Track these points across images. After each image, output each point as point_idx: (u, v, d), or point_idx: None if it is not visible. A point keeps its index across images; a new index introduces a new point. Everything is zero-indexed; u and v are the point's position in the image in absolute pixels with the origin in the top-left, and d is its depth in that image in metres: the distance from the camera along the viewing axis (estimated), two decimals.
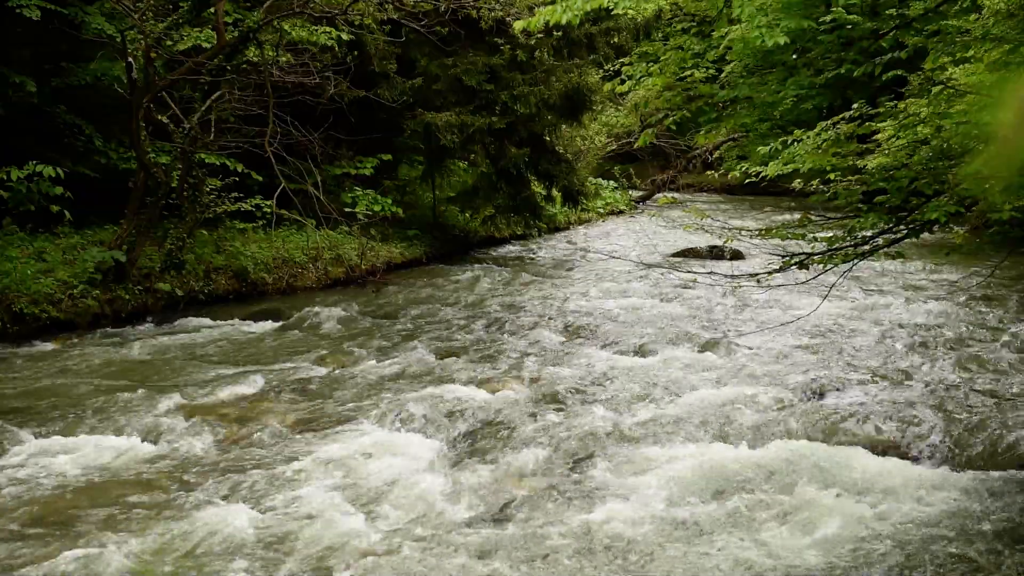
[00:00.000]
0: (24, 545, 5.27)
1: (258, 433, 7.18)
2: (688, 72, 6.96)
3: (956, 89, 5.93)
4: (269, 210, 12.96)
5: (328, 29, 13.26)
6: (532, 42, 16.46)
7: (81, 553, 5.11)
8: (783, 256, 6.80)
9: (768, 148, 6.72)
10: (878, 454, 6.48)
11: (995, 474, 6.11)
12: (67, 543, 5.26)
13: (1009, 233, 6.84)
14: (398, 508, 5.74)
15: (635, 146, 27.01)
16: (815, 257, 6.67)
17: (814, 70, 6.87)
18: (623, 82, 7.34)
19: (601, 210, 24.46)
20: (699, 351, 9.43)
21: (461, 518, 5.65)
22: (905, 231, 6.49)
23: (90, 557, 5.06)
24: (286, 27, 12.68)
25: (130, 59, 11.30)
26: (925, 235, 6.80)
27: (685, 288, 12.56)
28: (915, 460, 6.45)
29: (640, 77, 7.16)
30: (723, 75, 7.25)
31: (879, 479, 6.00)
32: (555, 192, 19.52)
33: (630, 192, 28.44)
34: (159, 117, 11.90)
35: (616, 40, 18.54)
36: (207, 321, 11.33)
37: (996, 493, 5.82)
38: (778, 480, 6.04)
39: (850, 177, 6.49)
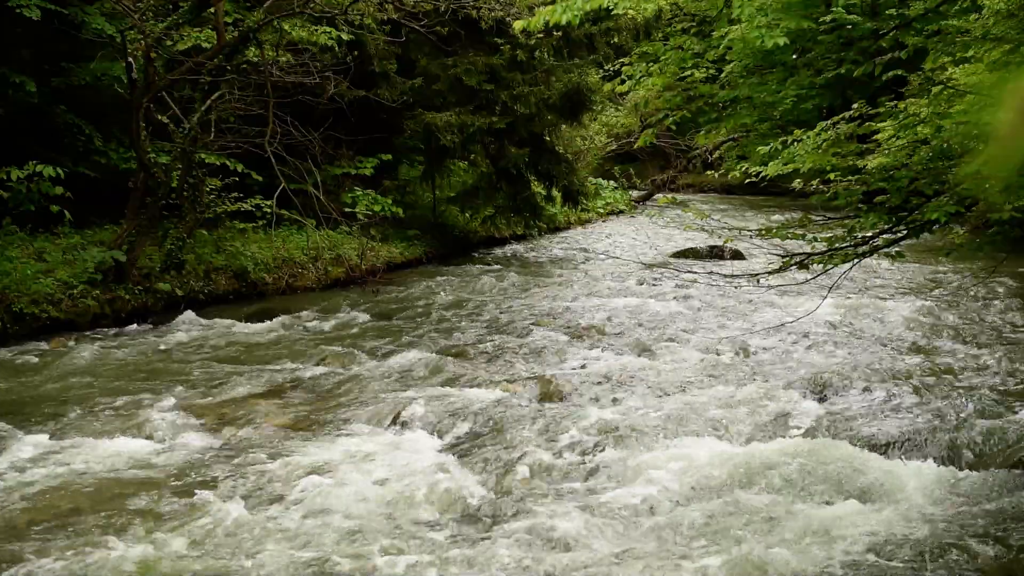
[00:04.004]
0: (24, 545, 5.26)
1: (258, 433, 7.18)
2: (688, 72, 6.96)
3: (956, 89, 5.93)
4: (269, 210, 12.96)
5: (328, 29, 13.26)
6: (532, 42, 16.46)
7: (81, 553, 5.11)
8: (783, 256, 6.80)
9: (768, 148, 6.73)
10: (878, 453, 6.48)
11: (995, 473, 6.10)
12: (67, 543, 5.26)
13: (1009, 233, 6.84)
14: (398, 508, 5.74)
15: (635, 146, 27.05)
16: (815, 257, 6.66)
17: (814, 70, 6.87)
18: (623, 82, 7.34)
19: (601, 210, 24.47)
20: (699, 351, 9.42)
21: (461, 518, 5.65)
22: (905, 231, 6.48)
23: (90, 557, 5.06)
24: (286, 27, 12.68)
25: (130, 59, 11.31)
26: (925, 235, 6.80)
27: (685, 288, 12.57)
28: (915, 460, 6.45)
29: (640, 77, 7.16)
30: (723, 75, 7.25)
31: (879, 478, 6.00)
32: (555, 192, 19.53)
33: (630, 192, 28.45)
34: (159, 117, 11.90)
35: (616, 40, 18.55)
36: (207, 321, 11.33)
37: (996, 493, 5.81)
38: (778, 480, 6.03)
39: (850, 177, 6.49)
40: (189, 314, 11.55)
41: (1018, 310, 10.95)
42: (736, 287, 9.07)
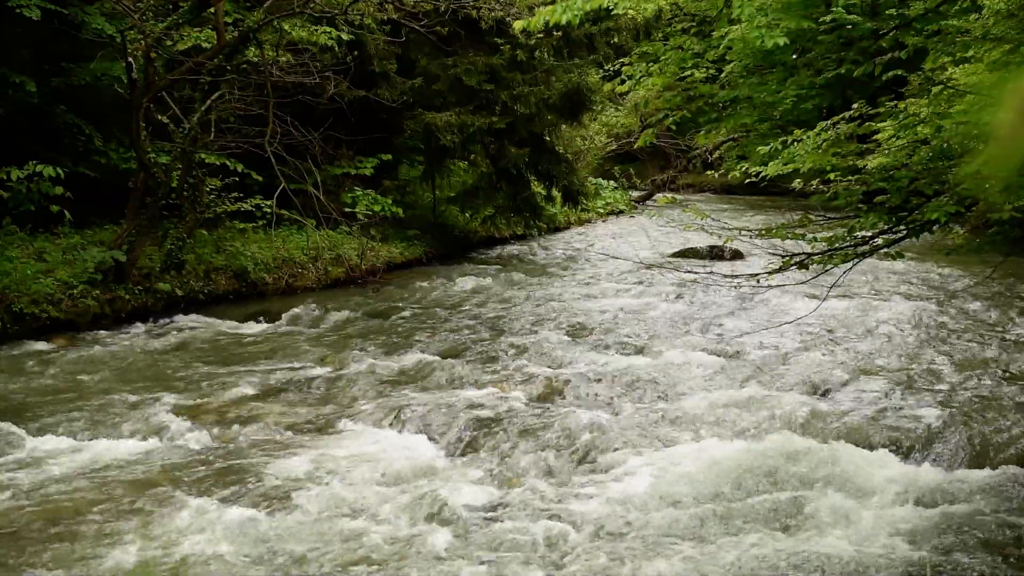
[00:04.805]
0: (24, 545, 5.26)
1: (258, 433, 7.18)
2: (688, 72, 6.95)
3: (956, 89, 5.93)
4: (269, 210, 12.96)
5: (328, 29, 13.26)
6: (532, 42, 16.45)
7: (81, 553, 5.11)
8: (783, 256, 6.79)
9: (768, 148, 6.72)
10: (877, 453, 6.48)
11: (994, 473, 6.11)
12: (67, 543, 5.26)
13: (1009, 233, 6.83)
14: (397, 508, 5.74)
15: (635, 146, 27.06)
16: (815, 257, 6.66)
17: (814, 70, 6.86)
18: (623, 82, 7.33)
19: (601, 210, 24.47)
20: (699, 351, 9.42)
21: (460, 518, 5.65)
22: (905, 231, 6.48)
23: (90, 557, 5.06)
24: (286, 27, 12.68)
25: (130, 59, 11.31)
26: (925, 235, 6.80)
27: (685, 288, 12.57)
28: (914, 460, 6.45)
29: (640, 77, 7.15)
30: (723, 75, 7.24)
31: (879, 478, 6.00)
32: (555, 192, 19.53)
33: (630, 192, 28.45)
34: (159, 117, 11.90)
35: (616, 40, 18.54)
36: (207, 321, 11.33)
37: (996, 493, 5.81)
38: (778, 480, 6.04)
39: (850, 177, 6.48)
40: (189, 314, 11.55)
41: (1018, 310, 10.95)
42: (736, 287, 9.06)
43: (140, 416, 7.41)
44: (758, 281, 7.04)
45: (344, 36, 13.52)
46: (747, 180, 7.40)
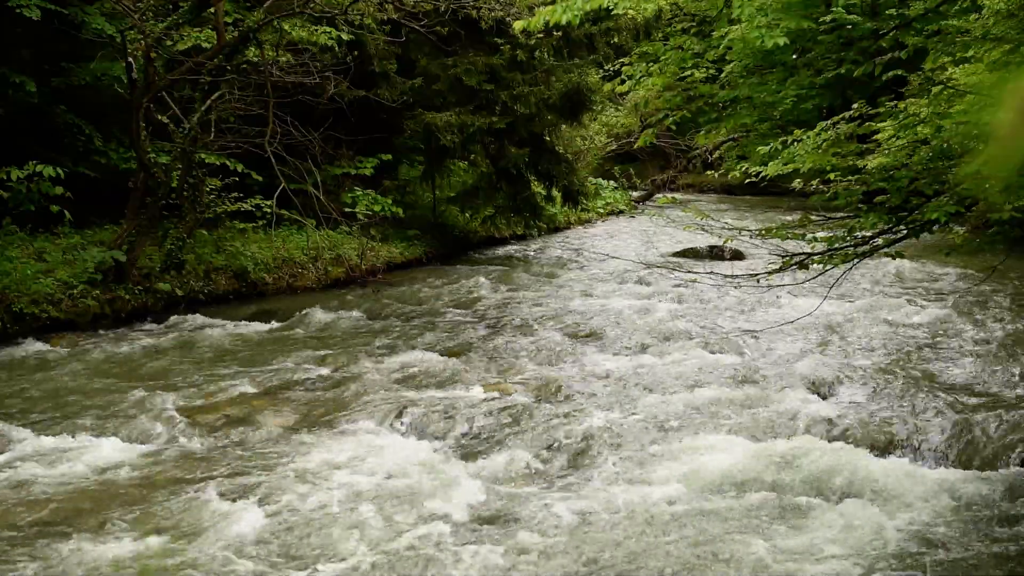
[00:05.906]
0: (24, 545, 5.27)
1: (258, 433, 7.19)
2: (688, 72, 6.96)
3: (956, 89, 5.93)
4: (269, 210, 12.96)
5: (328, 29, 13.26)
6: (532, 42, 16.45)
7: (80, 553, 5.11)
8: (783, 256, 6.79)
9: (768, 148, 6.72)
10: (878, 453, 6.48)
11: (995, 474, 6.11)
12: (67, 543, 5.26)
13: (1009, 233, 6.84)
14: (397, 508, 5.74)
15: (635, 146, 27.06)
16: (815, 257, 6.66)
17: (814, 70, 6.87)
18: (623, 82, 7.34)
19: (601, 210, 24.46)
20: (699, 351, 9.41)
21: (461, 518, 5.65)
22: (905, 231, 6.48)
23: (90, 557, 5.06)
24: (286, 27, 12.68)
25: (130, 59, 11.31)
26: (925, 235, 6.80)
27: (685, 288, 12.56)
28: (914, 459, 6.45)
29: (640, 77, 7.16)
30: (723, 75, 7.25)
31: (879, 479, 6.00)
32: (555, 192, 19.53)
33: (630, 192, 28.44)
34: (159, 117, 11.91)
35: (616, 40, 18.53)
36: (207, 321, 11.33)
37: (996, 493, 5.81)
38: (778, 480, 6.04)
39: (850, 177, 6.48)
40: (189, 314, 11.56)
41: (1017, 310, 10.95)
42: (736, 287, 9.06)
43: (140, 416, 7.41)
44: (758, 281, 7.04)
45: (344, 36, 13.52)
46: (747, 180, 7.41)
